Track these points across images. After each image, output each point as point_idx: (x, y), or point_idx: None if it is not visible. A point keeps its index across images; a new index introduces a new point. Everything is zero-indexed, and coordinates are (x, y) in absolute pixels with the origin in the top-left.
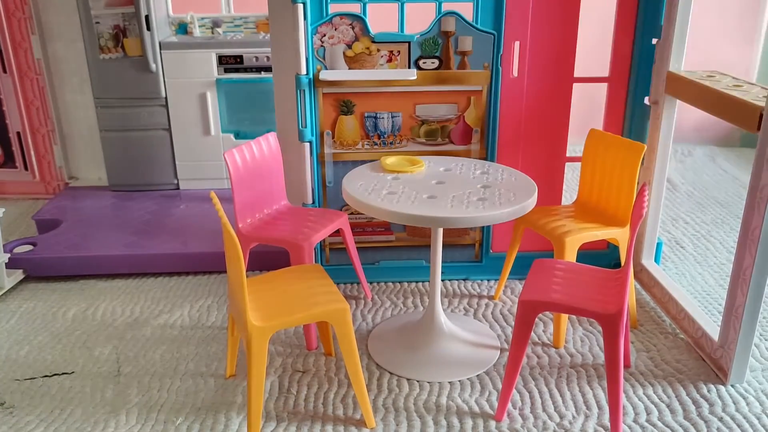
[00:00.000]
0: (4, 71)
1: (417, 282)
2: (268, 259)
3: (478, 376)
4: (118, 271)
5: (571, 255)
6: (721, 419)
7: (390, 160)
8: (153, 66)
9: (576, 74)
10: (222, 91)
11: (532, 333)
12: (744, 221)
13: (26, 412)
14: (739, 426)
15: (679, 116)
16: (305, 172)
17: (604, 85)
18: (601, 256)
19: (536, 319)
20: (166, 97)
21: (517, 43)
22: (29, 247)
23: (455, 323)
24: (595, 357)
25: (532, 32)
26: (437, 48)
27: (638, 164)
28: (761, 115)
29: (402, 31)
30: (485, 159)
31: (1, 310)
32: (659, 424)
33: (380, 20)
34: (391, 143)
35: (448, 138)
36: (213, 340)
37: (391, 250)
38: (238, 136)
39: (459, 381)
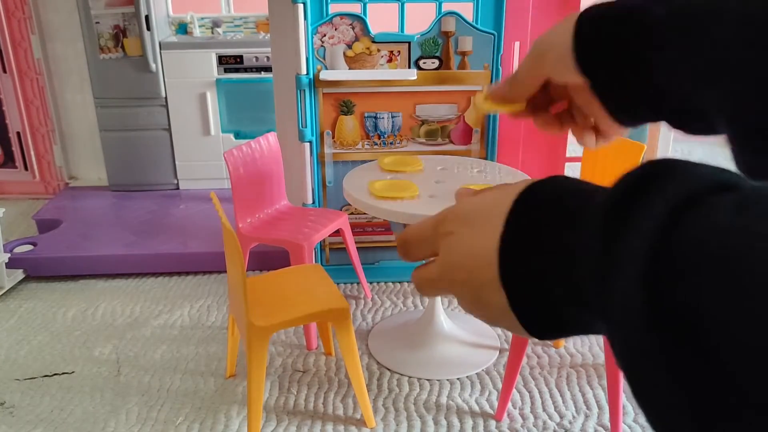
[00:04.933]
0: (4, 71)
1: None
2: (268, 259)
3: (478, 375)
4: (118, 271)
5: None
6: None
7: (387, 160)
8: (153, 66)
9: None
10: (222, 91)
11: None
12: None
13: (26, 412)
14: None
15: None
16: (305, 172)
17: None
18: None
19: None
20: (166, 97)
21: (517, 43)
22: (29, 247)
23: (455, 322)
24: (595, 357)
25: (532, 32)
26: (437, 48)
27: (638, 164)
28: None
29: (402, 31)
30: (485, 159)
31: (1, 310)
32: None
33: (380, 20)
34: (391, 143)
35: (448, 138)
36: (213, 340)
37: (391, 250)
38: (238, 136)
39: (459, 381)
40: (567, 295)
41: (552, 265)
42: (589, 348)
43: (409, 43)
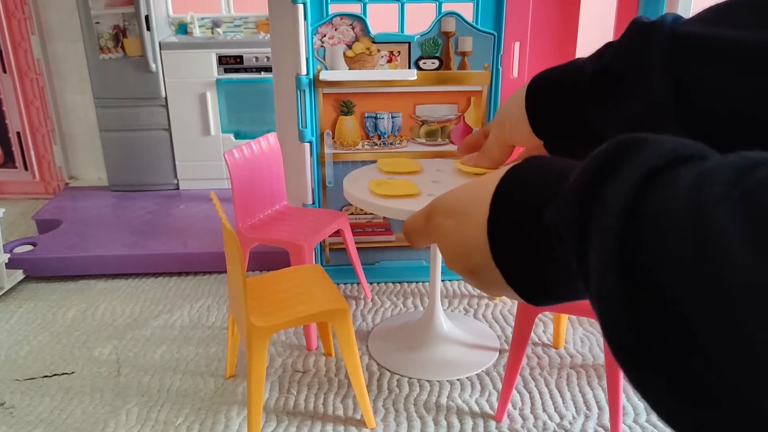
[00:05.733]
0: (4, 71)
1: (417, 282)
2: (268, 259)
3: (478, 376)
4: (118, 271)
5: None
6: None
7: (387, 162)
8: (153, 66)
9: None
10: (222, 91)
11: (532, 333)
12: None
13: (26, 412)
14: None
15: None
16: (305, 172)
17: None
18: None
19: (536, 320)
20: (165, 97)
21: (517, 44)
22: (29, 247)
23: (455, 323)
24: (595, 357)
25: (532, 32)
26: (437, 48)
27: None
28: None
29: (402, 31)
30: None
31: (1, 310)
32: (659, 424)
33: (380, 20)
34: (391, 144)
35: (448, 138)
36: (213, 340)
37: (391, 250)
38: (238, 136)
39: (459, 381)
40: (556, 271)
41: (537, 244)
42: (589, 348)
43: (409, 43)
